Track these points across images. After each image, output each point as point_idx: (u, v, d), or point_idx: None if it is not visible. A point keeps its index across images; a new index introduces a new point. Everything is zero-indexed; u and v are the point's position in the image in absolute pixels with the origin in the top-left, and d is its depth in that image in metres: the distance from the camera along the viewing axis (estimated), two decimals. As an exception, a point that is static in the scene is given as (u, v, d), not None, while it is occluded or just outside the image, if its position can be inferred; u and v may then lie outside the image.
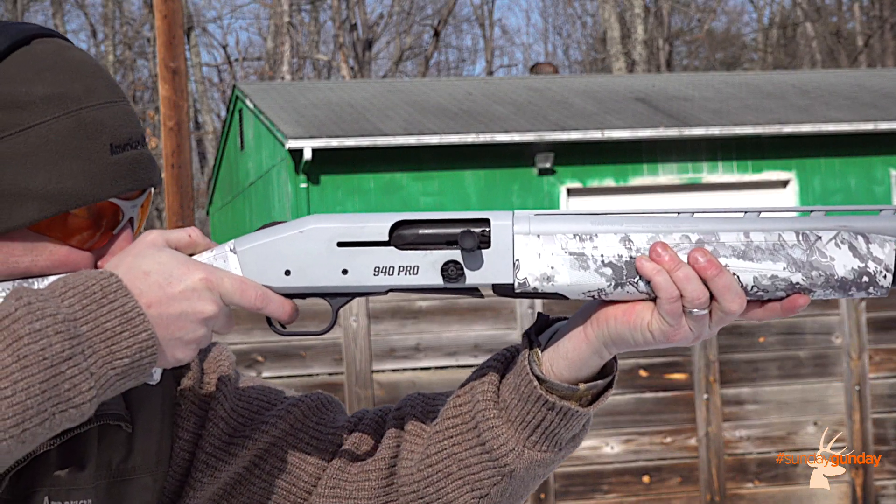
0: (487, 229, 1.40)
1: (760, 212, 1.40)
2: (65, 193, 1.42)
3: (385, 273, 1.41)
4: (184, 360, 1.37)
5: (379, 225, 1.41)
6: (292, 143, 17.72)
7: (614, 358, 1.49)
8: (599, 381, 1.48)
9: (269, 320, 1.45)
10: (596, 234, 1.39)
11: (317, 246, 1.41)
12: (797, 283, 1.38)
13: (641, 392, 7.93)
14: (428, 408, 1.58)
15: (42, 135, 1.41)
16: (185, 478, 1.59)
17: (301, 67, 36.90)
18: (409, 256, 1.40)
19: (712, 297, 1.37)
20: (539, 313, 1.52)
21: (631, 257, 1.38)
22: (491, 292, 1.45)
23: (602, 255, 1.39)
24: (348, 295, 1.43)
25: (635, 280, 1.38)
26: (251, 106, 20.43)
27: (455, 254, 1.40)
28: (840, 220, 1.40)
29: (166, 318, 1.33)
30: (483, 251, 1.40)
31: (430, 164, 18.17)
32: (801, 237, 1.38)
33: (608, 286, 1.39)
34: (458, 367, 7.55)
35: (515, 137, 18.16)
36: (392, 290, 1.42)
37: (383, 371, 7.58)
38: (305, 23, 37.28)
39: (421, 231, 1.41)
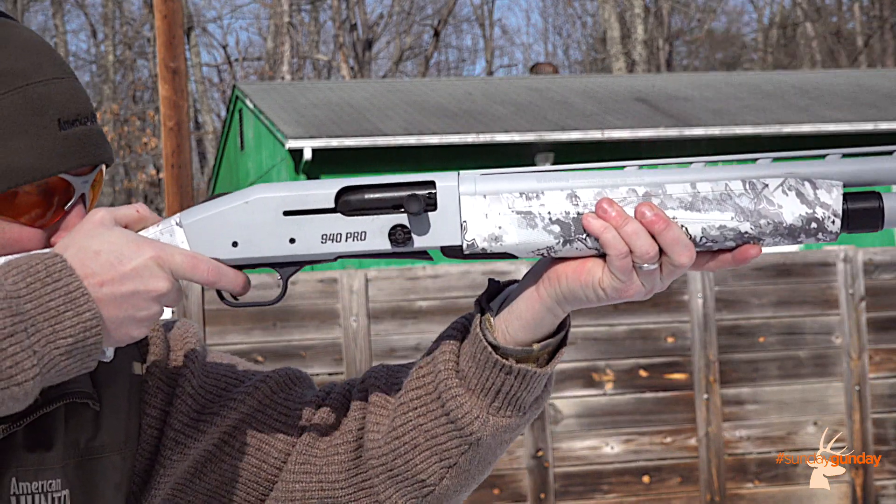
0: (433, 191, 1.39)
1: (707, 162, 1.39)
2: (13, 169, 1.41)
3: (333, 240, 1.40)
4: (137, 337, 1.36)
5: (324, 192, 1.39)
6: (292, 143, 17.71)
7: (567, 315, 1.47)
8: (552, 339, 1.46)
9: (219, 293, 1.44)
10: (542, 192, 1.38)
11: (263, 216, 1.40)
12: (746, 233, 1.37)
13: (641, 392, 7.92)
14: (392, 379, 1.57)
15: None
16: (155, 456, 1.58)
17: (301, 67, 36.89)
18: (356, 222, 1.39)
19: (661, 250, 1.36)
20: (490, 279, 1.51)
21: (578, 213, 1.37)
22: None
23: (549, 213, 1.38)
24: (297, 264, 1.42)
25: (584, 236, 1.37)
26: (251, 106, 20.42)
27: (402, 218, 1.38)
28: (786, 167, 1.38)
29: (119, 296, 1.32)
30: (430, 214, 1.39)
31: (430, 164, 18.15)
32: (747, 186, 1.37)
33: (557, 243, 1.38)
34: (458, 367, 7.54)
35: (515, 137, 18.16)
36: (340, 256, 1.41)
37: (383, 371, 7.58)
38: (305, 23, 37.27)
39: (367, 196, 1.40)
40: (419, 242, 1.39)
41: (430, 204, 1.39)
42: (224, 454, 1.58)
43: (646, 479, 7.91)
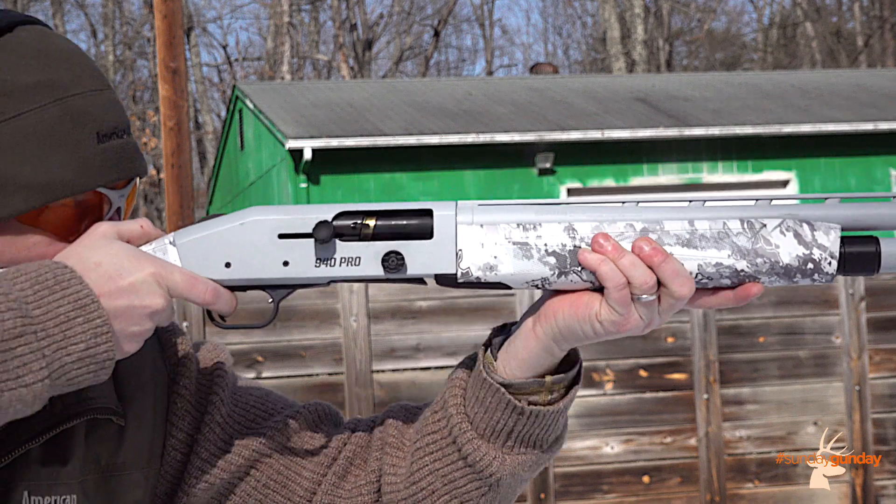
0: (430, 221, 1.39)
1: (705, 201, 1.40)
2: (52, 183, 1.39)
3: (326, 264, 1.39)
4: (128, 353, 1.34)
5: (321, 216, 1.39)
6: (292, 143, 17.71)
7: (577, 349, 1.46)
8: (565, 374, 1.46)
9: (209, 312, 1.44)
10: (540, 224, 1.39)
11: (258, 238, 1.40)
12: (742, 271, 1.37)
13: (641, 392, 7.92)
14: (409, 419, 1.56)
15: (29, 124, 1.38)
16: (178, 480, 1.56)
17: (301, 67, 36.89)
18: (350, 248, 1.39)
19: (660, 284, 1.36)
20: (496, 327, 1.50)
21: (575, 246, 1.38)
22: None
23: (546, 245, 1.38)
24: (290, 287, 1.43)
25: (579, 269, 1.38)
26: (251, 106, 20.42)
27: (397, 244, 1.39)
28: (785, 209, 1.40)
29: (114, 310, 1.31)
30: (425, 241, 1.39)
31: (430, 164, 18.15)
32: (745, 225, 1.38)
33: (552, 275, 1.38)
34: (458, 367, 7.55)
35: (515, 137, 18.15)
36: (333, 281, 1.41)
37: (383, 371, 7.58)
38: (305, 23, 37.27)
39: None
40: (413, 269, 1.39)
41: (426, 232, 1.39)
42: (250, 488, 1.56)
43: (646, 479, 7.91)
